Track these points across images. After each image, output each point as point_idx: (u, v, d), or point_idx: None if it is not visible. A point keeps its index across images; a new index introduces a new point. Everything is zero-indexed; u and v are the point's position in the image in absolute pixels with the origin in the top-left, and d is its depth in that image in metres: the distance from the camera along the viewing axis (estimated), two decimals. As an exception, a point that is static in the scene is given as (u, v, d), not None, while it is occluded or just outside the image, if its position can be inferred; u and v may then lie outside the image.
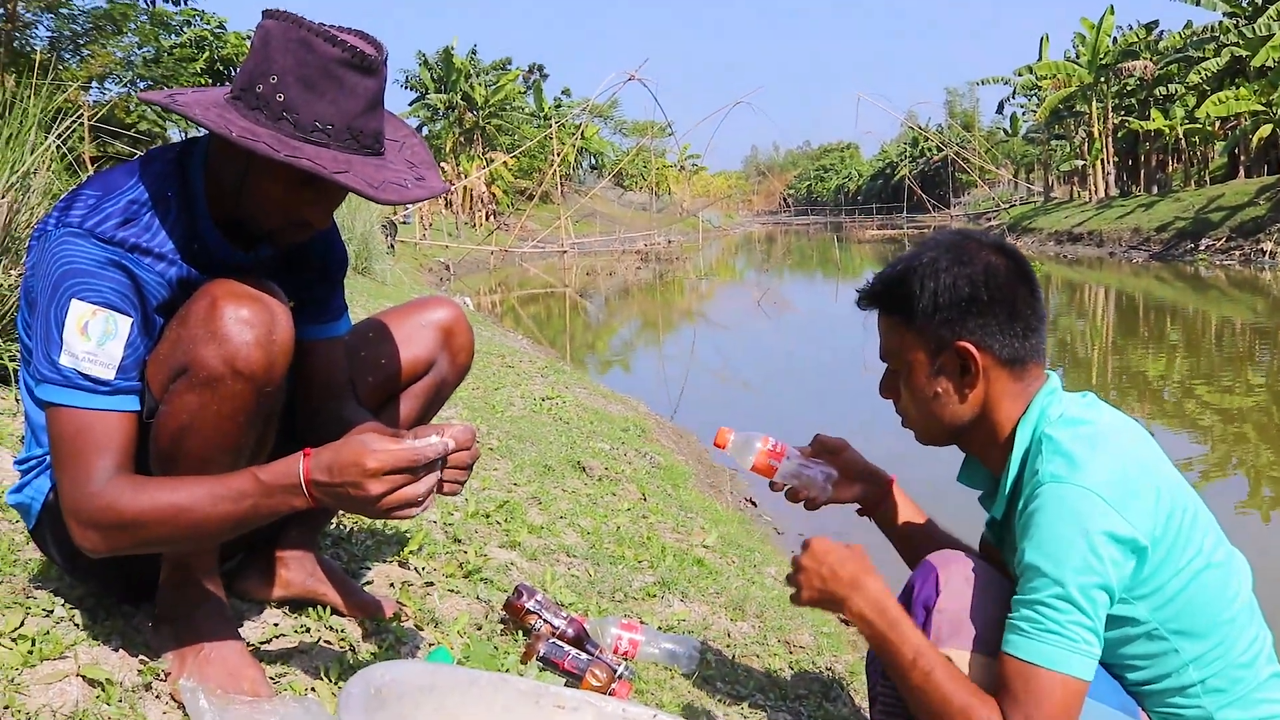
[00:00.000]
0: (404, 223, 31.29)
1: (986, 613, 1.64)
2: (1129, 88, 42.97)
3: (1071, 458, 1.57)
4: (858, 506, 2.11)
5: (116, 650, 1.77)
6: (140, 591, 1.88)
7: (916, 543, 2.02)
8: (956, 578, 1.69)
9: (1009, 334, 1.71)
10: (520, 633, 2.32)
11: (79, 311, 1.55)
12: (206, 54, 24.06)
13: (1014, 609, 1.58)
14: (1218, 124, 36.69)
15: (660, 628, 2.66)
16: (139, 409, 1.61)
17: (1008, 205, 58.34)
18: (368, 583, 2.42)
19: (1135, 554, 1.53)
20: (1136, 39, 42.14)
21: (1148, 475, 1.59)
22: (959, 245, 1.75)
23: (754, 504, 6.04)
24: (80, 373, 1.55)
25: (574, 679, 2.09)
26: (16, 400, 3.07)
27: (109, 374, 1.57)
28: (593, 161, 67.63)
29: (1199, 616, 1.60)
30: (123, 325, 1.58)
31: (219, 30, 24.99)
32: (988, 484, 1.84)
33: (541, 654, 2.13)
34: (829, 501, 2.05)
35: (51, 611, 1.83)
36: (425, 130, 53.68)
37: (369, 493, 1.46)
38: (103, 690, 1.63)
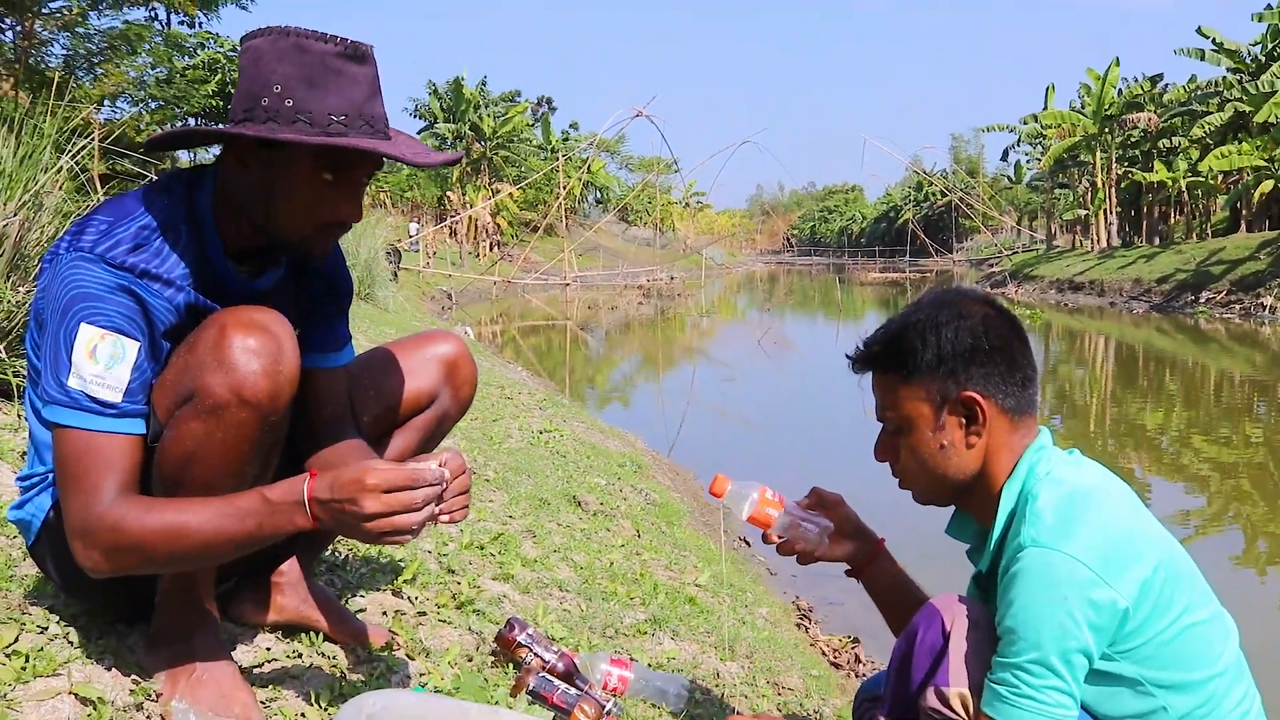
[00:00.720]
0: (411, 249, 31.39)
1: (990, 656, 1.66)
2: (1133, 139, 43.24)
3: (1053, 522, 1.59)
4: (846, 567, 2.11)
5: (109, 669, 1.78)
6: (135, 612, 1.89)
7: (902, 606, 2.02)
8: (961, 620, 1.71)
9: (1010, 383, 1.74)
10: (511, 665, 2.32)
11: (88, 335, 1.58)
12: (219, 76, 24.29)
13: (993, 669, 1.61)
14: (1220, 178, 36.89)
15: (650, 665, 2.66)
16: (144, 432, 1.63)
17: (1010, 252, 58.50)
18: (361, 610, 2.43)
19: (1116, 617, 1.55)
20: (1141, 91, 42.47)
21: (1130, 537, 1.61)
22: (953, 301, 1.78)
23: (748, 544, 6.04)
24: (88, 395, 1.58)
25: (563, 714, 2.10)
26: (18, 416, 3.09)
27: (116, 397, 1.59)
28: (598, 196, 67.97)
29: (1185, 672, 1.61)
30: (130, 349, 1.61)
31: (232, 54, 25.19)
32: (976, 538, 1.85)
33: (531, 687, 2.14)
34: (821, 558, 2.05)
35: (46, 629, 1.84)
36: (433, 159, 53.87)
37: (363, 509, 1.48)
38: (94, 709, 1.64)
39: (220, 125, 1.65)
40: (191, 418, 1.59)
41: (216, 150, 1.79)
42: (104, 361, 1.58)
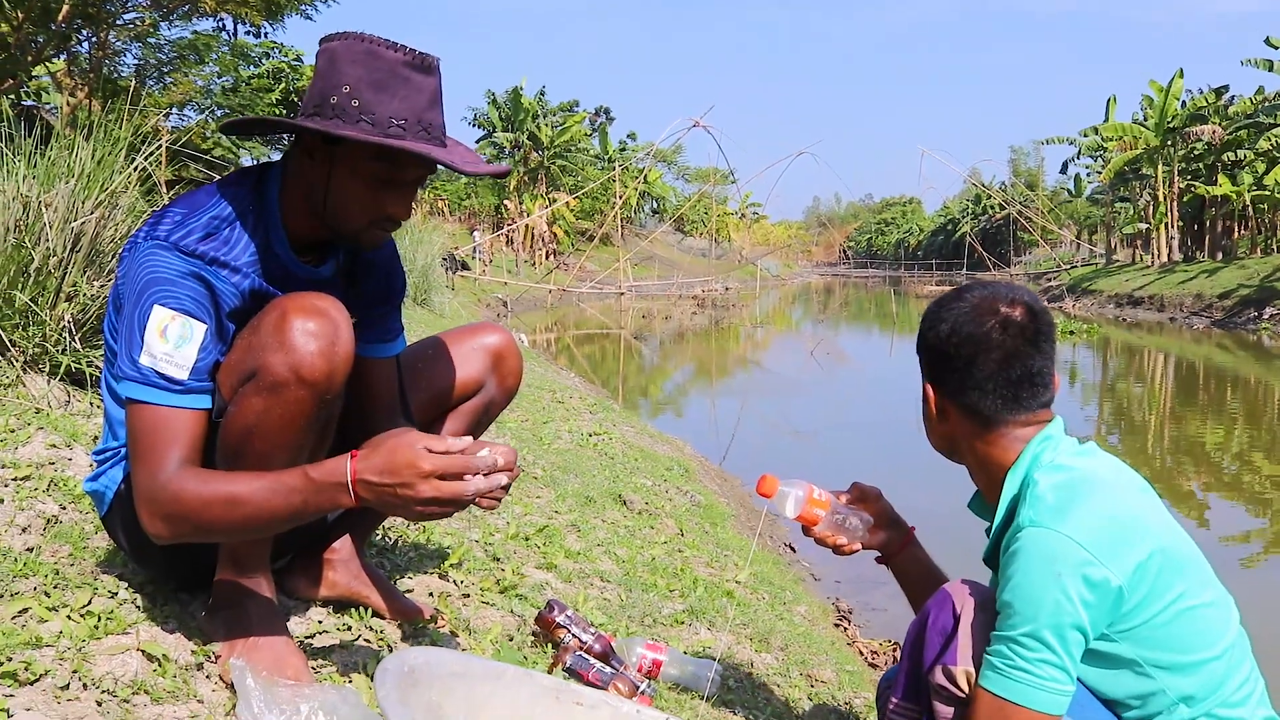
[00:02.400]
0: (475, 257, 31.67)
1: None
2: (1196, 152, 42.53)
3: (1052, 504, 1.67)
4: (877, 554, 2.20)
5: (173, 632, 1.91)
6: (197, 581, 2.02)
7: (928, 591, 2.10)
8: (971, 603, 1.78)
9: (974, 385, 1.83)
10: (550, 645, 2.42)
11: (160, 316, 1.71)
12: (283, 85, 24.80)
13: (991, 643, 1.69)
14: (1287, 192, 36.17)
15: (686, 652, 2.75)
16: (209, 408, 1.76)
17: (1069, 266, 57.77)
18: (409, 591, 2.55)
19: (1110, 595, 1.61)
20: (1206, 103, 41.71)
21: (1128, 521, 1.67)
22: (979, 305, 1.86)
23: (793, 549, 6.10)
24: (158, 372, 1.71)
25: (600, 691, 2.19)
26: (92, 403, 3.26)
27: (183, 374, 1.72)
28: (654, 206, 68.13)
29: (1183, 654, 1.66)
30: (198, 330, 1.73)
31: (296, 63, 25.73)
32: (991, 516, 1.93)
33: (568, 665, 2.24)
34: (858, 549, 2.15)
35: (116, 594, 1.98)
36: (490, 168, 54.35)
37: (419, 494, 1.57)
38: (159, 665, 1.77)
39: (291, 117, 1.78)
40: (253, 394, 1.71)
41: (278, 156, 1.93)
42: (173, 341, 1.71)
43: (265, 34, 20.66)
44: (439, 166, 1.83)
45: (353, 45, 1.74)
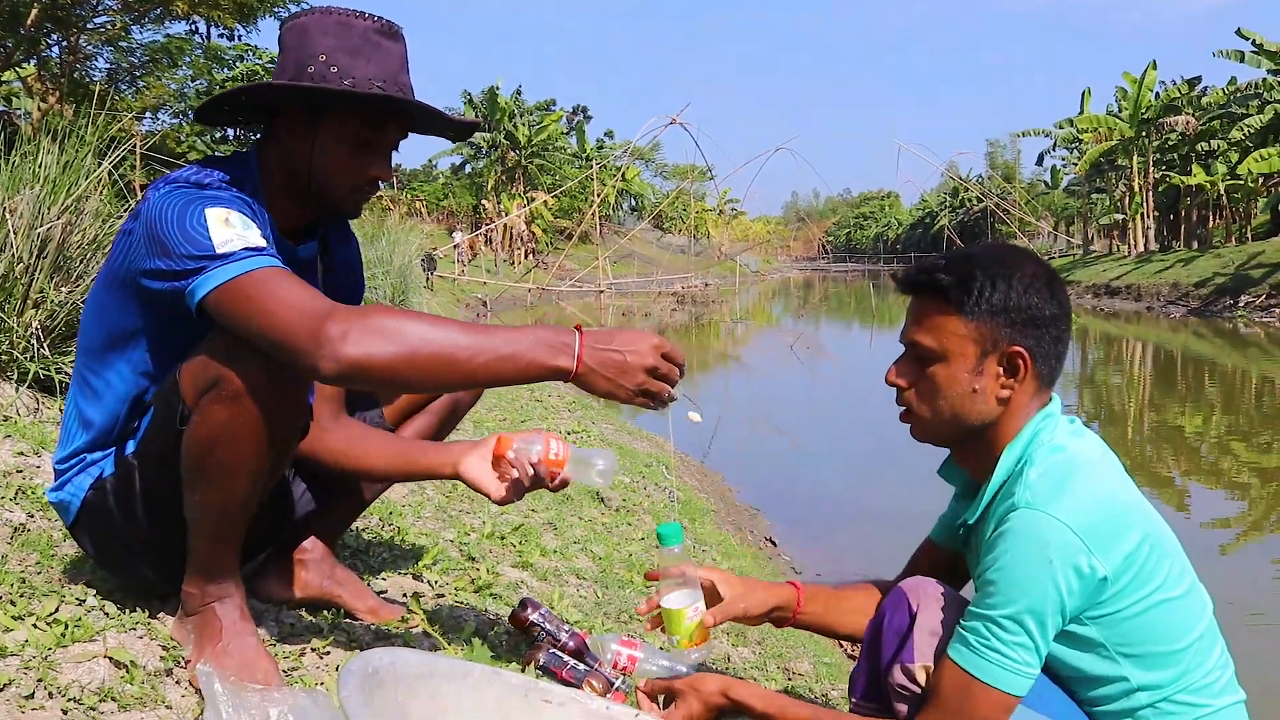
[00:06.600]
0: (456, 260, 31.47)
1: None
2: (1170, 142, 42.78)
3: (1047, 486, 1.63)
4: (854, 580, 2.21)
5: (141, 638, 1.89)
6: (166, 585, 2.00)
7: (840, 624, 2.16)
8: (927, 601, 1.78)
9: (1052, 354, 1.75)
10: (524, 645, 2.42)
11: (216, 214, 1.67)
12: (257, 88, 24.67)
13: (966, 617, 1.65)
14: (1260, 180, 36.42)
15: (661, 649, 2.75)
16: None
17: (1047, 257, 57.96)
18: (382, 592, 2.54)
19: (1096, 585, 1.59)
20: (1179, 94, 41.96)
21: (1119, 508, 1.65)
22: (1021, 259, 1.77)
23: (774, 544, 6.11)
24: (245, 246, 1.65)
25: (571, 688, 2.19)
26: (61, 410, 3.23)
27: (264, 244, 1.68)
28: (633, 203, 68.16)
29: (1151, 644, 1.65)
30: (255, 228, 1.70)
31: (270, 65, 25.58)
32: (966, 487, 1.91)
33: (541, 663, 2.23)
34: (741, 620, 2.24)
35: (84, 601, 1.96)
36: (468, 168, 54.45)
37: (646, 361, 1.68)
38: (127, 672, 1.75)
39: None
40: (215, 403, 1.69)
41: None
42: (239, 226, 1.67)
43: (239, 37, 20.60)
44: (409, 134, 1.90)
45: (323, 18, 1.80)
